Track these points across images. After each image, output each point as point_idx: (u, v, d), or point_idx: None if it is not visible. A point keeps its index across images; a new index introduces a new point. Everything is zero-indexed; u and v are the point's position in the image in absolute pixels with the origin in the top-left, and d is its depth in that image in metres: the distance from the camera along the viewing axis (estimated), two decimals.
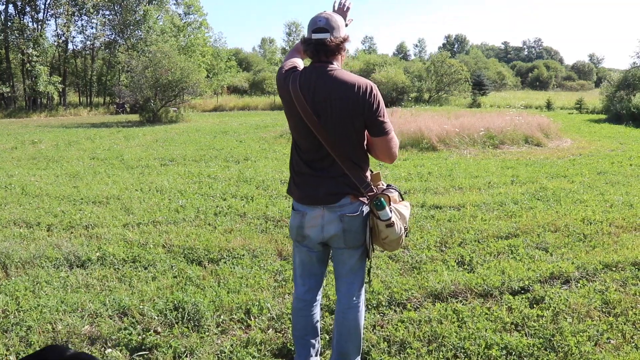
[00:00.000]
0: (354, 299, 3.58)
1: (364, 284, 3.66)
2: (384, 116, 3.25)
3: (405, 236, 3.53)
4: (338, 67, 3.28)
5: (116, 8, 47.69)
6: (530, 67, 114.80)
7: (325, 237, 3.43)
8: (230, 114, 42.44)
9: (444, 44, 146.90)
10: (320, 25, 3.19)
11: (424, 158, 14.43)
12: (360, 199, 3.36)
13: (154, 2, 50.01)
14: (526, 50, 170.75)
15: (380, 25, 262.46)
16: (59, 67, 46.92)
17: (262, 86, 60.62)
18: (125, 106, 39.28)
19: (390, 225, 3.31)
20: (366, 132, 3.32)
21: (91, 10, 46.50)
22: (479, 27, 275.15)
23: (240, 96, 58.61)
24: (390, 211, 3.32)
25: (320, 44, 3.20)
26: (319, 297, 3.74)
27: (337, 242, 3.44)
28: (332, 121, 3.19)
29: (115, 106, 42.56)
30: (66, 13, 44.72)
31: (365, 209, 3.38)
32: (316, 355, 3.78)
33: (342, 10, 3.60)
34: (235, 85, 63.93)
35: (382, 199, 3.28)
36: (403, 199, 3.63)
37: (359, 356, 3.74)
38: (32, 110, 40.88)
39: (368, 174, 3.43)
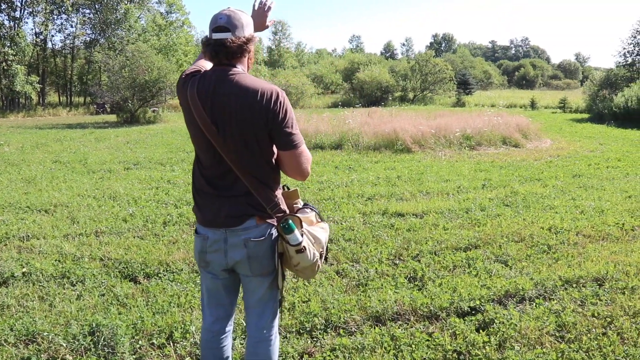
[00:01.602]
0: (265, 331, 3.15)
1: (277, 315, 3.23)
2: (292, 127, 2.84)
3: (325, 262, 3.17)
4: (242, 71, 2.87)
5: (96, 6, 47.03)
6: (517, 66, 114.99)
7: (230, 264, 2.99)
8: None
9: (431, 43, 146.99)
10: (221, 23, 2.77)
11: (397, 160, 14.01)
12: (268, 220, 2.93)
13: (135, 0, 49.41)
14: (513, 49, 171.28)
15: (367, 24, 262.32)
16: (37, 66, 46.18)
17: None
18: (106, 106, 38.61)
19: (301, 250, 2.88)
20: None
21: (70, 8, 45.79)
22: (466, 26, 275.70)
23: None
24: (302, 235, 2.89)
25: (219, 44, 2.79)
26: (229, 329, 3.29)
27: (243, 269, 3.00)
28: (231, 132, 2.79)
29: (95, 106, 41.87)
30: (44, 11, 44.01)
31: (274, 232, 2.95)
32: None
33: (263, 10, 3.25)
34: None
35: (291, 221, 2.85)
36: (322, 220, 3.22)
37: None
38: (9, 110, 40.16)
39: (278, 192, 3.01)
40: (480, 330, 4.39)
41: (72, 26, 48.83)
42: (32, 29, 51.98)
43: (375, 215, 8.08)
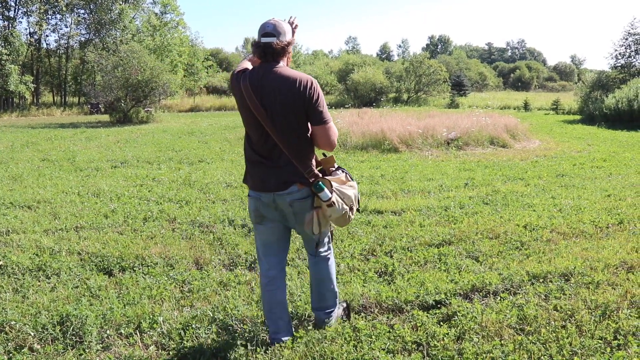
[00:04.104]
0: (320, 253, 4.22)
1: (328, 243, 4.26)
2: (323, 107, 3.73)
3: (357, 211, 4.12)
4: (283, 65, 3.73)
5: (91, 7, 47.03)
6: (513, 68, 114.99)
7: (279, 217, 3.94)
8: (205, 114, 42.00)
9: (427, 45, 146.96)
10: (268, 30, 3.64)
11: (383, 160, 14.10)
12: (306, 185, 3.78)
13: (129, 0, 49.44)
14: (510, 51, 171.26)
15: (364, 26, 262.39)
16: (31, 66, 46.17)
17: None
18: (100, 106, 38.60)
19: (331, 205, 3.74)
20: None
21: (64, 8, 45.80)
22: (463, 28, 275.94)
23: (219, 96, 58.16)
24: (331, 192, 3.74)
25: (267, 46, 3.64)
26: (282, 274, 4.15)
27: (290, 222, 3.96)
28: (277, 113, 3.64)
29: (89, 106, 41.89)
30: (38, 11, 44.00)
31: (311, 193, 3.83)
32: (286, 328, 4.15)
33: (291, 27, 3.94)
34: (215, 86, 63.47)
35: (321, 182, 3.72)
36: (352, 179, 4.08)
37: (336, 306, 4.39)
38: (3, 110, 40.19)
39: (313, 161, 3.86)
40: (442, 323, 4.46)
41: (66, 26, 48.92)
42: (26, 29, 51.91)
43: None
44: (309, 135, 3.81)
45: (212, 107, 49.79)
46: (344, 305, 4.60)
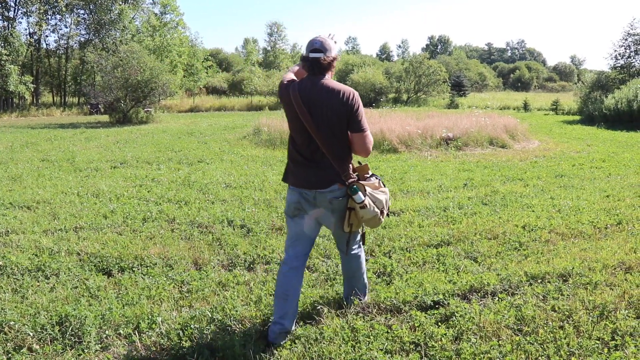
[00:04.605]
0: (351, 250, 4.57)
1: (357, 240, 4.61)
2: (362, 117, 4.11)
3: (387, 215, 4.45)
4: (329, 78, 4.13)
5: (91, 7, 47.01)
6: (512, 68, 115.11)
7: (316, 213, 4.25)
8: (205, 114, 41.97)
9: (427, 45, 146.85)
10: (316, 46, 4.03)
11: (382, 160, 14.11)
12: (345, 186, 4.14)
13: (129, 1, 49.44)
14: (509, 51, 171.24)
15: (364, 26, 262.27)
16: (31, 66, 46.15)
17: (240, 86, 59.88)
18: (100, 106, 38.54)
19: (363, 207, 4.10)
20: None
21: (64, 9, 45.77)
22: (463, 28, 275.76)
23: (218, 97, 58.14)
24: (364, 195, 4.10)
25: (315, 61, 4.03)
26: (303, 266, 4.40)
27: (325, 219, 4.29)
28: (323, 122, 4.02)
29: (89, 107, 41.86)
30: (38, 11, 43.99)
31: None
32: (292, 317, 4.29)
33: (334, 44, 4.28)
34: (214, 86, 63.46)
35: (355, 186, 4.08)
36: (384, 186, 4.42)
37: (366, 296, 4.88)
38: (3, 110, 40.16)
39: (350, 165, 4.23)
40: (440, 323, 4.47)
41: (66, 26, 48.90)
42: (26, 29, 51.89)
43: None
44: (347, 142, 4.17)
45: (212, 108, 49.78)
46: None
